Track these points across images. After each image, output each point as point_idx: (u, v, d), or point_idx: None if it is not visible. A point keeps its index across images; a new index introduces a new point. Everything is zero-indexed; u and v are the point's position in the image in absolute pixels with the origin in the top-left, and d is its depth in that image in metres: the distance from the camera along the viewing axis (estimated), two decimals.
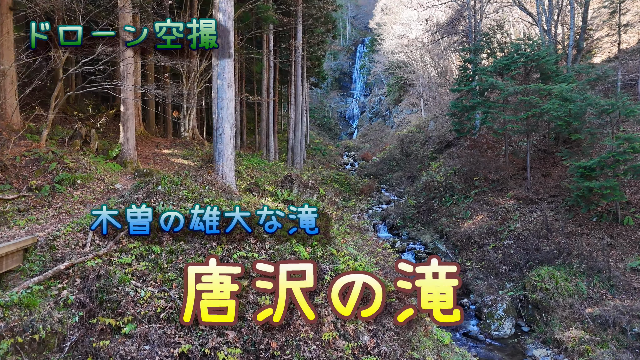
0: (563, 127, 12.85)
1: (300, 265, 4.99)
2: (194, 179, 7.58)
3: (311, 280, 4.90)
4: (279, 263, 4.93)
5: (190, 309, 4.64)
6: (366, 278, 5.03)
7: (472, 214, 16.69)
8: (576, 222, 13.29)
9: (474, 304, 11.72)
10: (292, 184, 10.51)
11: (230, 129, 8.16)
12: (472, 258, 14.28)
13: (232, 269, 4.85)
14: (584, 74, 18.24)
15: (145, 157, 11.73)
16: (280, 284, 4.82)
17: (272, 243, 6.22)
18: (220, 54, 7.91)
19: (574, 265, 11.23)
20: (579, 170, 12.17)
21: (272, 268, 4.86)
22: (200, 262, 5.67)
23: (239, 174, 10.87)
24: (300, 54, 21.33)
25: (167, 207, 6.38)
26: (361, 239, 9.39)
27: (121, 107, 10.19)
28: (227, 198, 7.11)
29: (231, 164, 8.24)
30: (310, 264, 5.01)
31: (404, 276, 5.21)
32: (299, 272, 4.92)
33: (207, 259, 4.81)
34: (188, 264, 5.00)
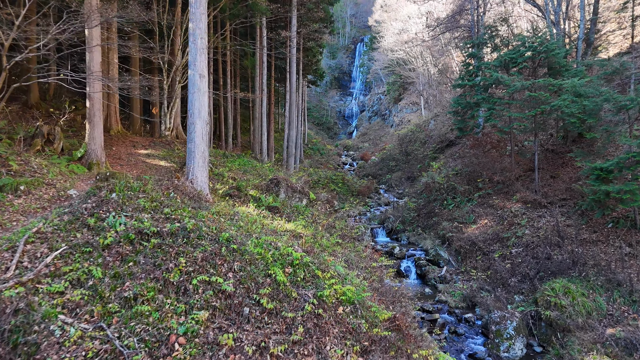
0: (576, 125, 11.79)
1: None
2: (159, 184, 6.52)
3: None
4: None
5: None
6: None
7: (475, 218, 15.65)
8: (590, 229, 12.25)
9: (480, 319, 10.66)
10: (279, 188, 9.42)
11: (202, 126, 7.07)
12: (477, 267, 13.24)
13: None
14: (595, 69, 17.20)
15: (118, 158, 10.68)
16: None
17: (243, 263, 5.15)
18: (192, 40, 6.84)
19: (591, 277, 10.18)
20: (594, 172, 11.12)
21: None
22: (151, 289, 4.61)
23: (221, 177, 9.82)
24: (295, 46, 20.24)
25: (119, 219, 5.32)
26: (354, 251, 8.34)
27: (87, 102, 9.11)
28: (194, 207, 6.05)
29: (203, 166, 7.17)
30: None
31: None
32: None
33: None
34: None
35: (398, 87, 53.82)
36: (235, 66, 26.91)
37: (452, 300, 11.69)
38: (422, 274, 13.86)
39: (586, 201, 12.20)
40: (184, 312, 4.49)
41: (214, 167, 10.94)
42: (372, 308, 5.37)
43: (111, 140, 12.42)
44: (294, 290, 5.05)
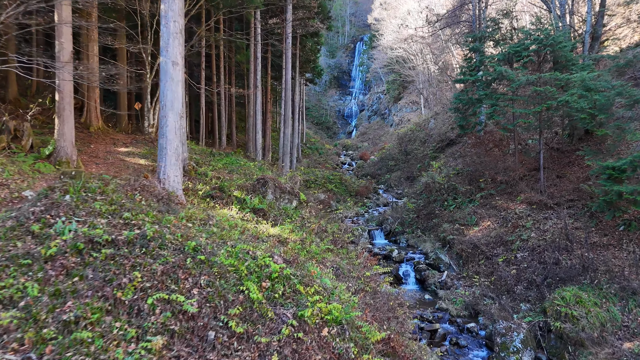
0: (586, 120, 11.05)
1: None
2: (127, 184, 5.77)
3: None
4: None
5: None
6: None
7: (478, 220, 14.93)
8: (600, 232, 11.53)
9: (484, 329, 9.91)
10: (266, 189, 8.68)
11: (176, 120, 6.32)
12: (480, 271, 12.51)
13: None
14: (603, 64, 16.46)
15: (95, 156, 9.95)
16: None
17: (212, 277, 4.40)
18: (164, 23, 6.09)
19: (603, 284, 9.43)
20: (606, 172, 10.39)
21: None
22: (97, 309, 3.88)
23: (204, 177, 9.08)
24: (290, 39, 19.47)
25: (69, 225, 4.58)
26: (347, 258, 7.61)
27: (56, 95, 8.36)
28: (161, 211, 5.31)
29: (176, 164, 6.41)
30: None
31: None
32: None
33: None
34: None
35: (398, 85, 53.31)
36: (230, 63, 26.18)
37: (453, 308, 10.96)
38: (421, 279, 13.14)
39: (596, 202, 11.48)
40: (135, 339, 3.75)
41: (198, 165, 10.21)
42: (362, 328, 4.63)
43: (90, 138, 11.69)
44: (270, 309, 4.31)
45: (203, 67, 20.20)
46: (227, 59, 25.49)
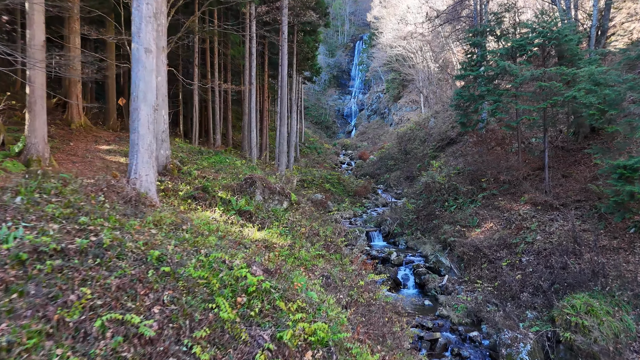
0: (595, 117, 10.44)
1: None
2: (93, 184, 5.16)
3: None
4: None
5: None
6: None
7: (480, 221, 14.33)
8: (609, 234, 10.93)
9: (487, 338, 9.31)
10: (254, 189, 8.07)
11: (149, 113, 5.70)
12: (482, 276, 11.91)
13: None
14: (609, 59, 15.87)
15: (73, 154, 9.35)
16: None
17: (177, 292, 3.79)
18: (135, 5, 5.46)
19: (615, 291, 8.83)
20: (617, 171, 9.78)
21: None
22: (36, 333, 3.28)
23: (188, 176, 8.47)
24: (286, 32, 18.84)
25: (14, 232, 3.97)
26: (340, 264, 7.00)
27: (26, 88, 7.75)
28: (126, 214, 4.70)
29: (150, 162, 5.79)
30: None
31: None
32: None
33: None
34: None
35: (397, 84, 52.85)
36: (225, 60, 25.58)
37: (454, 315, 10.35)
38: (421, 284, 12.55)
39: (605, 203, 10.87)
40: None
41: (182, 164, 9.60)
42: (352, 350, 4.01)
43: (70, 135, 11.08)
44: (244, 330, 3.69)
45: (196, 63, 19.60)
46: (223, 56, 24.89)
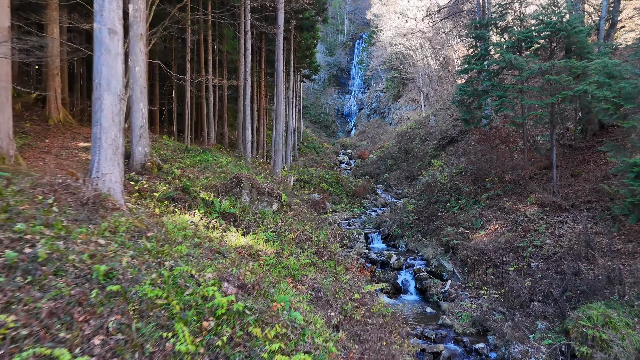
0: (610, 111, 9.73)
1: None
2: (46, 184, 4.46)
3: None
4: None
5: None
6: None
7: (484, 223, 13.61)
8: (624, 237, 10.22)
9: (495, 350, 8.59)
10: (241, 189, 7.37)
11: (114, 103, 4.97)
12: (487, 281, 11.18)
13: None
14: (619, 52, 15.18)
15: (47, 151, 8.67)
16: None
17: (126, 318, 3.08)
18: None
19: (634, 300, 8.12)
20: (634, 170, 9.07)
21: None
22: None
23: (169, 175, 7.77)
24: (282, 25, 18.13)
25: None
26: (333, 273, 6.30)
27: None
28: (78, 220, 3.98)
29: (114, 159, 5.07)
30: None
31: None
32: None
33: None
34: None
35: (397, 83, 52.23)
36: (221, 57, 24.90)
37: (458, 324, 9.63)
38: (422, 289, 11.85)
39: (619, 204, 10.16)
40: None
41: (164, 162, 8.91)
42: None
43: (47, 131, 10.39)
44: None
45: (189, 58, 18.90)
46: (218, 52, 24.21)
